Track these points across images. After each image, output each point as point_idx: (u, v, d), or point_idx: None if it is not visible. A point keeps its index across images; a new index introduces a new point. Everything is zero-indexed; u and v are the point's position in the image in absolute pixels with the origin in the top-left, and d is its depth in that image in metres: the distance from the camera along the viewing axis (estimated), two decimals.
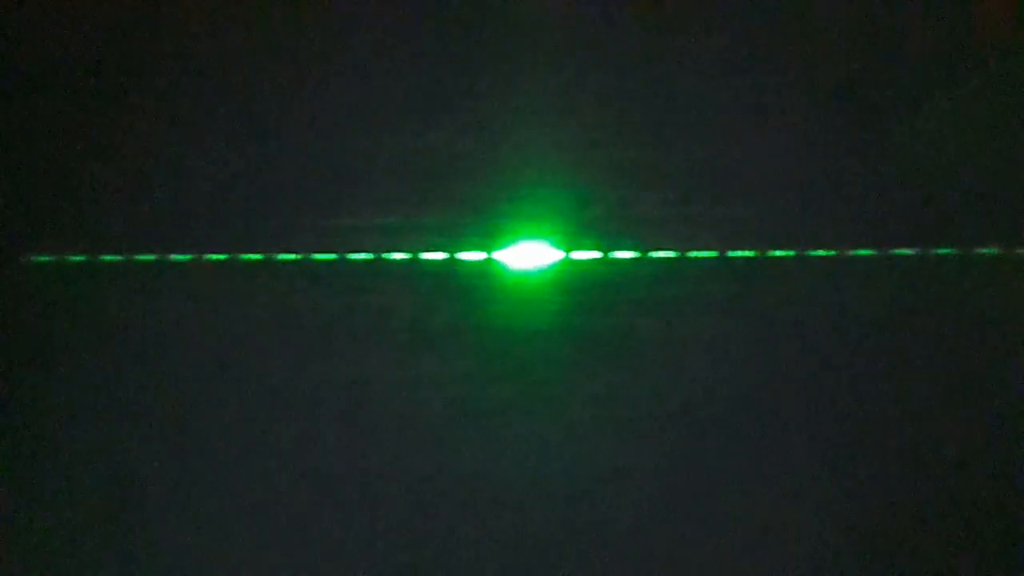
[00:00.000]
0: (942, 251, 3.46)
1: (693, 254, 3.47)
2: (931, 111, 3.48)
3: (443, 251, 3.46)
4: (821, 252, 3.47)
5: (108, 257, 3.43)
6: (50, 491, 3.35)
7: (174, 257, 3.42)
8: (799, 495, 3.39)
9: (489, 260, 3.47)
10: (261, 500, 3.36)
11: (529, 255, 3.47)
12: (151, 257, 3.42)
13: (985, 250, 3.45)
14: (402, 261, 3.45)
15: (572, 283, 3.46)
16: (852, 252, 3.47)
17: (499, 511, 3.37)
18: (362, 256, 3.44)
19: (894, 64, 3.49)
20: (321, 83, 3.48)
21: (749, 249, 3.47)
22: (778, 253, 3.47)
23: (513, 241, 3.47)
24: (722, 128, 3.49)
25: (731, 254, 3.47)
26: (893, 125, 3.48)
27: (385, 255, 3.45)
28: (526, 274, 3.47)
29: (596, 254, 3.47)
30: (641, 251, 3.47)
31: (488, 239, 3.47)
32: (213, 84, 3.46)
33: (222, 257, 3.43)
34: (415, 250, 3.45)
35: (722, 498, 3.39)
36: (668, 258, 3.47)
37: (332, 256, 3.44)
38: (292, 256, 3.44)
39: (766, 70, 3.49)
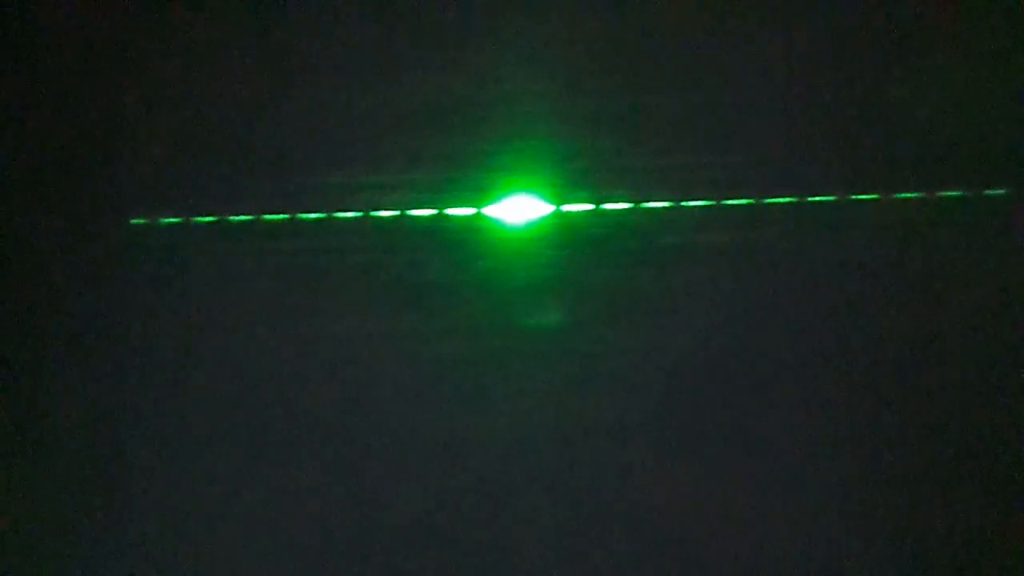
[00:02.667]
0: (948, 193, 3.37)
1: (687, 203, 3.39)
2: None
3: (432, 207, 3.41)
4: (819, 198, 3.37)
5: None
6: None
7: (162, 221, 3.41)
8: (796, 446, 3.31)
9: (479, 215, 3.41)
10: (259, 453, 3.36)
11: (519, 209, 3.41)
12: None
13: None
14: (391, 218, 3.40)
15: (564, 236, 3.40)
16: (850, 197, 3.37)
17: (490, 467, 3.33)
18: (351, 214, 3.40)
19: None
20: (308, 41, 3.43)
21: (745, 197, 3.38)
22: (775, 200, 3.38)
23: (503, 195, 3.41)
24: (715, 73, 3.40)
25: (727, 202, 3.39)
26: (892, 68, 3.38)
27: (373, 212, 3.40)
28: (517, 228, 3.41)
29: (588, 206, 3.40)
30: (634, 202, 3.40)
31: (477, 194, 3.41)
32: (207, 46, 3.44)
33: (211, 219, 3.41)
34: (404, 207, 3.40)
35: (717, 450, 3.32)
36: (662, 208, 3.39)
37: (320, 215, 3.40)
38: (280, 216, 3.41)
39: (760, 13, 3.39)
